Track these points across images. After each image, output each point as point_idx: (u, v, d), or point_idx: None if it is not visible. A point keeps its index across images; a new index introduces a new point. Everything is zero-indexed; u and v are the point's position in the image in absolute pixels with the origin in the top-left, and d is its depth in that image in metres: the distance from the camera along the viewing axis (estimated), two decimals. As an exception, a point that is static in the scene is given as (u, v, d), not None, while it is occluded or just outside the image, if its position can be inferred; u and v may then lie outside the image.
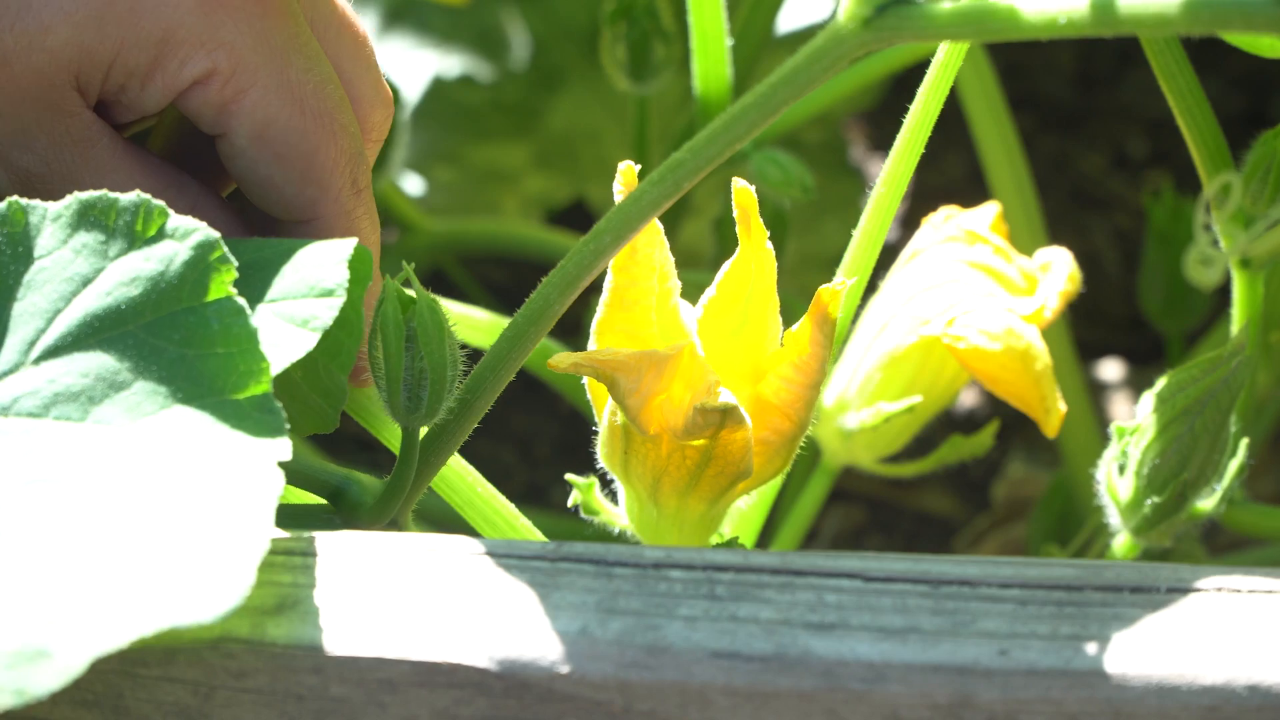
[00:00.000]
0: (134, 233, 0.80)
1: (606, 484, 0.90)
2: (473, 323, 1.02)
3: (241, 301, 0.78)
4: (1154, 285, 1.30)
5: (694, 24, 1.09)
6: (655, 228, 0.85)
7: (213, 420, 0.76)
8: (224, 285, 0.79)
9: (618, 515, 0.90)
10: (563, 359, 0.82)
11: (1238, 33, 0.75)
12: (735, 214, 0.86)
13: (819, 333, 0.83)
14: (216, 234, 0.79)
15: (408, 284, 0.82)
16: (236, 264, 0.79)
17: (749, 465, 0.84)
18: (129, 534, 0.73)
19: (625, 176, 0.83)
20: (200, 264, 0.79)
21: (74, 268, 0.80)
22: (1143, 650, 0.74)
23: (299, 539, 0.79)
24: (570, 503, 0.91)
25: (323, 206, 0.85)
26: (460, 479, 0.90)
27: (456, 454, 0.88)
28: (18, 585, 0.72)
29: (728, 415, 0.81)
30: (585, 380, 0.88)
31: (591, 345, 0.86)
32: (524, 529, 0.91)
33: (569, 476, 0.90)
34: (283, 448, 0.76)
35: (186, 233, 0.80)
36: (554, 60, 1.53)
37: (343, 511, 0.88)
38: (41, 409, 0.77)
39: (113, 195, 0.80)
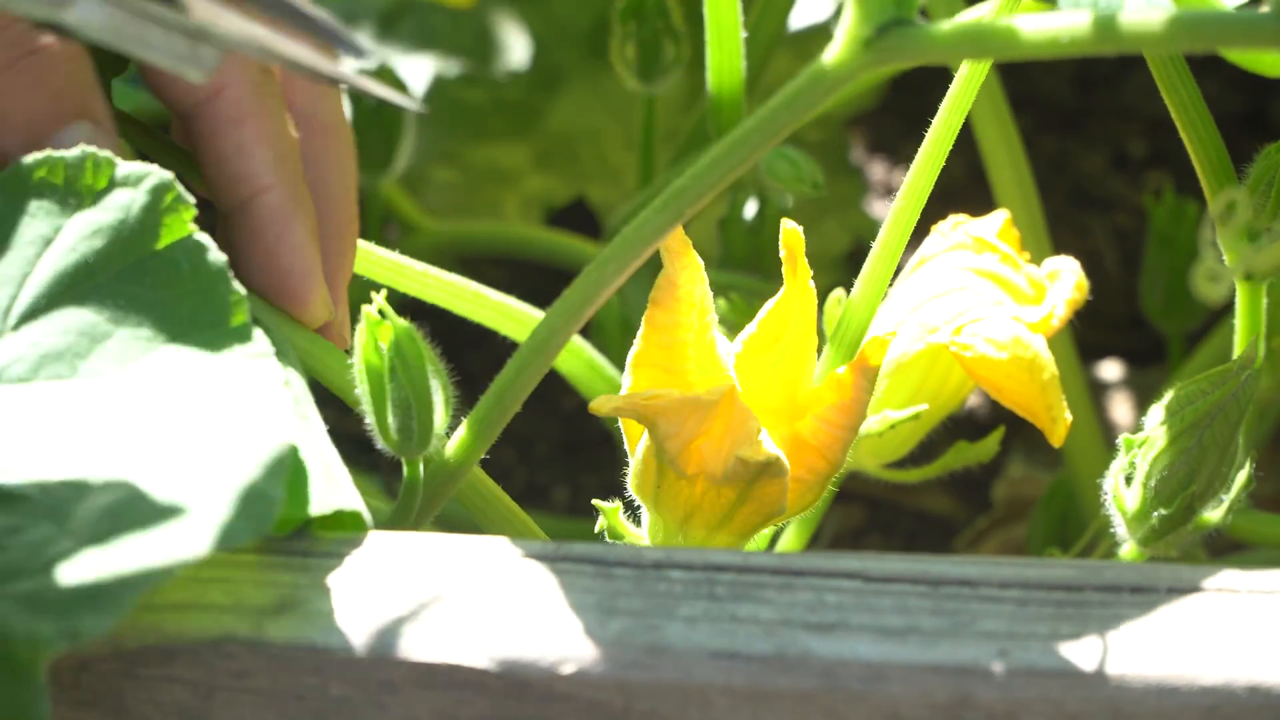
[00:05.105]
0: (85, 186, 0.80)
1: (629, 505, 0.90)
2: (508, 312, 1.02)
3: (204, 238, 0.79)
4: (1154, 285, 1.30)
5: (709, 19, 1.08)
6: (697, 264, 0.85)
7: (200, 354, 0.77)
8: (185, 224, 0.79)
9: (641, 538, 0.90)
10: (604, 403, 0.82)
11: (1241, 49, 0.75)
12: (782, 254, 0.86)
13: (862, 378, 0.83)
14: (169, 174, 0.79)
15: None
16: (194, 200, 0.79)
17: (783, 505, 0.84)
18: (149, 474, 0.74)
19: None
20: (158, 206, 0.79)
21: (33, 230, 0.80)
22: (1143, 650, 0.74)
23: (299, 538, 0.79)
24: (597, 528, 0.91)
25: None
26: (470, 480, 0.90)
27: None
28: (53, 541, 0.72)
29: (768, 467, 0.82)
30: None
31: (627, 378, 0.86)
32: (527, 526, 0.91)
33: (595, 502, 0.90)
34: (273, 353, 0.77)
35: (139, 178, 0.80)
36: (554, 60, 1.53)
37: None
38: (30, 372, 0.78)
39: (56, 154, 0.80)
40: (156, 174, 0.80)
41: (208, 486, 0.73)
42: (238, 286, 0.78)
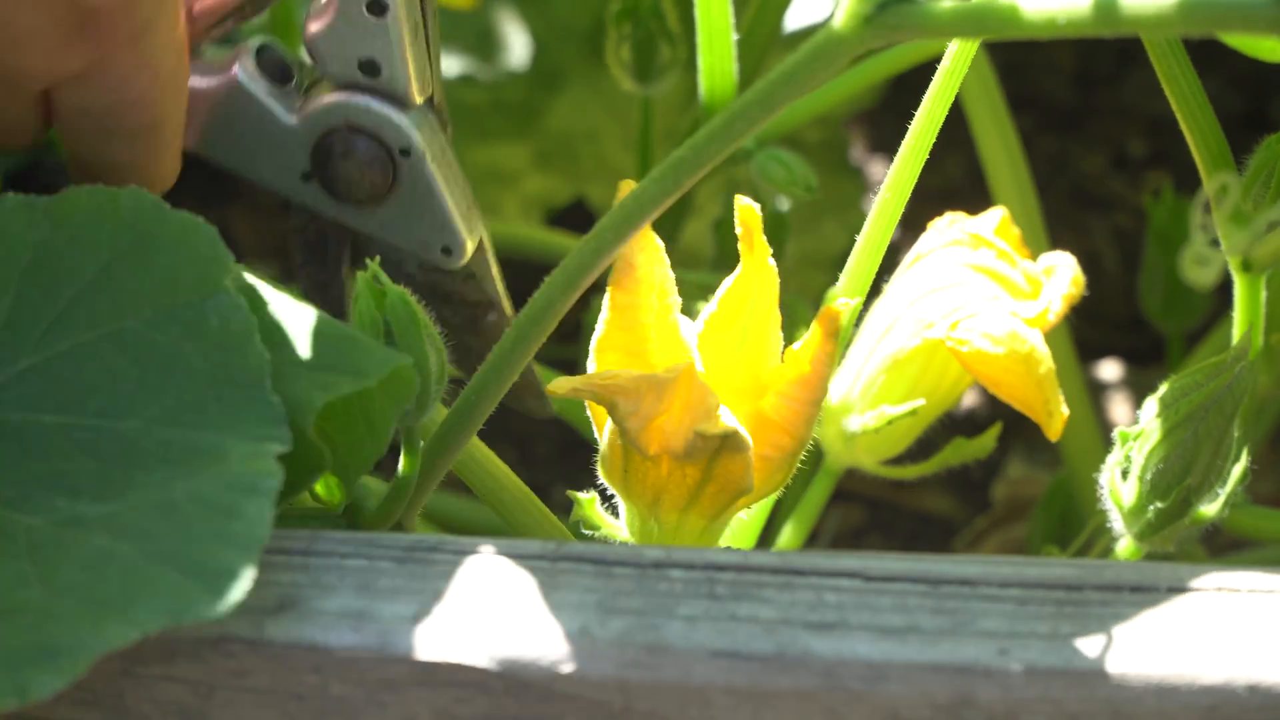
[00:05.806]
0: (129, 226, 0.80)
1: (607, 497, 0.90)
2: None
3: (237, 297, 0.78)
4: (1154, 285, 1.30)
5: (700, 22, 1.08)
6: (655, 245, 0.85)
7: (212, 413, 0.76)
8: (220, 279, 0.78)
9: (618, 529, 0.90)
10: (562, 384, 0.82)
11: (1237, 33, 0.75)
12: (739, 230, 0.86)
13: (822, 351, 0.83)
14: (213, 227, 0.79)
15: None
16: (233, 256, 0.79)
17: (749, 483, 0.84)
18: (130, 530, 0.73)
19: (623, 192, 0.83)
20: (199, 257, 0.79)
21: (71, 263, 0.79)
22: (1143, 650, 0.74)
23: (299, 538, 0.79)
24: (571, 517, 0.91)
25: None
26: (480, 462, 0.90)
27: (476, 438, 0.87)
28: (24, 584, 0.72)
29: (727, 440, 0.82)
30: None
31: (591, 363, 0.86)
32: (542, 514, 0.91)
33: (570, 493, 0.90)
34: (281, 436, 0.75)
35: (183, 226, 0.79)
36: (554, 60, 1.53)
37: (347, 514, 0.88)
38: (45, 405, 0.77)
39: (106, 189, 0.80)
40: (200, 224, 0.79)
41: (178, 555, 0.72)
42: (261, 348, 0.77)
